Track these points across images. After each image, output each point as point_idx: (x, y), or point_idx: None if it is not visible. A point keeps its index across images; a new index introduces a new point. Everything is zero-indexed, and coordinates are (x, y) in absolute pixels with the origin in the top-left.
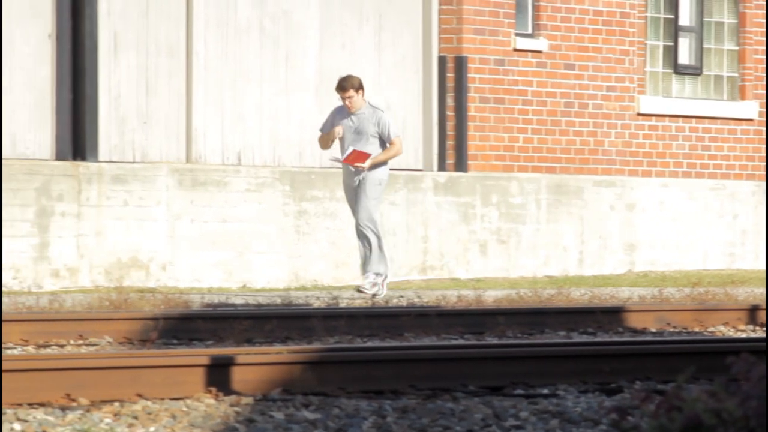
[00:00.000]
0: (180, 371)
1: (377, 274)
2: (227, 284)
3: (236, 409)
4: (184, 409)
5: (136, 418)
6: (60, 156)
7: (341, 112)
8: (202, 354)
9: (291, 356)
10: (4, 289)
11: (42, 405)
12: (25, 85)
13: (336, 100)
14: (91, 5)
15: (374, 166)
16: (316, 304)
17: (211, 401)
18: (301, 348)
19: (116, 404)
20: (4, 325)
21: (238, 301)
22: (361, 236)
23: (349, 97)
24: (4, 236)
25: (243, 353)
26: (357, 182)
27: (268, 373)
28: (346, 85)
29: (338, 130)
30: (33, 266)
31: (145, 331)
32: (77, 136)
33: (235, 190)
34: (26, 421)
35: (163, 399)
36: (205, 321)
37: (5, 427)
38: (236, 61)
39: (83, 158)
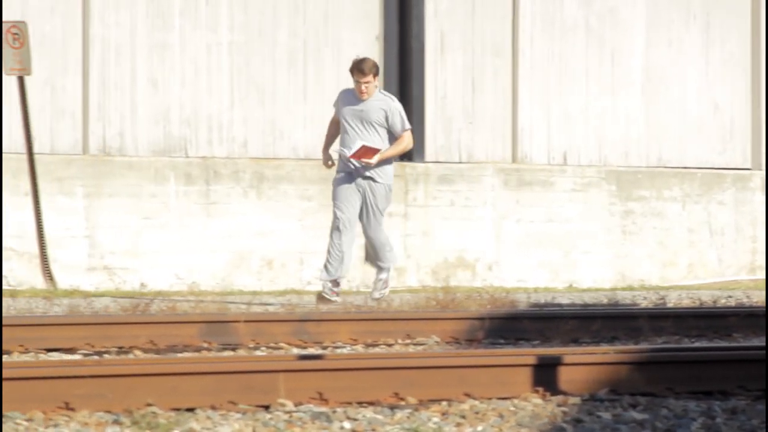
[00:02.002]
0: (507, 371)
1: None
2: (553, 284)
3: (563, 409)
4: (512, 408)
5: (463, 417)
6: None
7: (346, 97)
8: (529, 354)
9: (618, 356)
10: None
11: (371, 404)
12: None
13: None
14: (418, 6)
15: (381, 165)
16: (643, 304)
17: (539, 401)
18: (628, 348)
19: (444, 403)
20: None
21: (564, 300)
22: (344, 235)
23: (367, 83)
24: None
25: (570, 353)
26: (362, 189)
27: (595, 373)
28: (365, 68)
29: (328, 159)
30: (361, 266)
31: (471, 330)
32: None
33: (560, 190)
34: (356, 419)
35: (490, 398)
36: (532, 321)
37: (335, 425)
38: (562, 60)
39: (410, 159)
